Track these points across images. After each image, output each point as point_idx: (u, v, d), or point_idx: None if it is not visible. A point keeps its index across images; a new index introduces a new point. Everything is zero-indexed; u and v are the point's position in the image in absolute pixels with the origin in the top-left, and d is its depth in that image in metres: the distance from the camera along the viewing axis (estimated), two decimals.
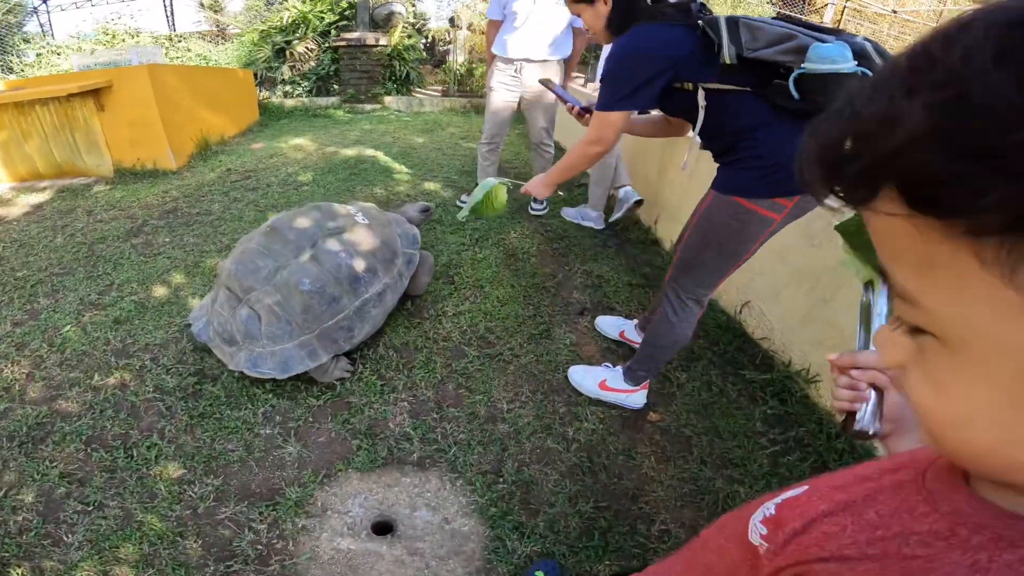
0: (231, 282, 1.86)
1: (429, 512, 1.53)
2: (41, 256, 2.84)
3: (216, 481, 1.58)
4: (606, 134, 1.50)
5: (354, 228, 2.00)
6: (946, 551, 0.30)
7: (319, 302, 1.80)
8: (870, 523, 0.34)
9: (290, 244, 1.88)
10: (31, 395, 1.90)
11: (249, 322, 1.80)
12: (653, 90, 1.38)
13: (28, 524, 1.47)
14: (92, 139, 4.01)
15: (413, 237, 2.22)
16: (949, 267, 0.23)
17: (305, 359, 1.79)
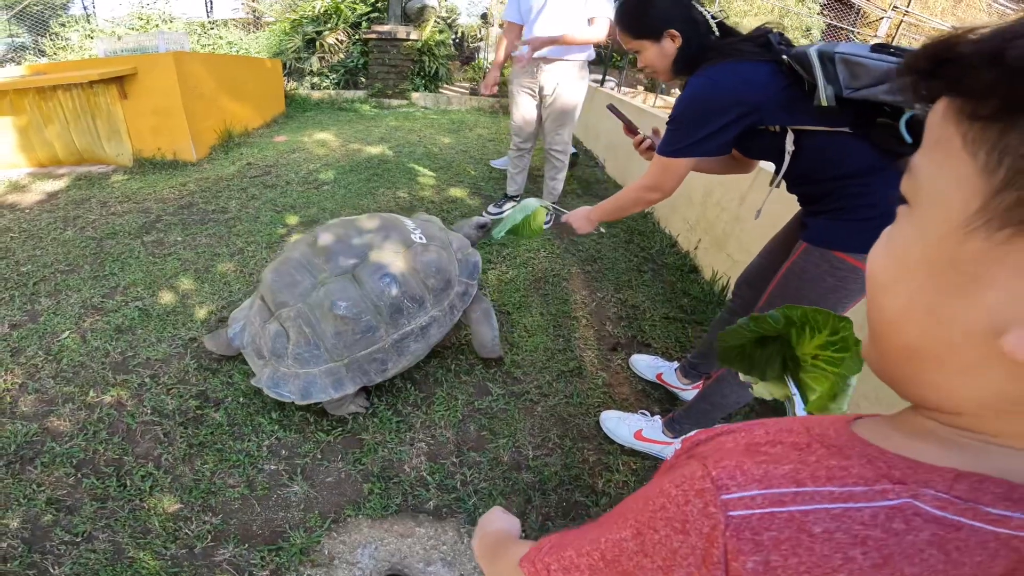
0: (266, 293, 1.72)
1: (445, 568, 1.39)
2: (48, 250, 2.72)
3: (215, 519, 1.44)
4: (666, 181, 1.35)
5: (408, 248, 1.77)
6: (790, 454, 0.33)
7: (353, 329, 1.61)
8: (754, 437, 0.38)
9: (334, 258, 1.68)
10: (23, 409, 1.77)
11: (277, 339, 1.65)
12: (726, 136, 1.22)
13: (12, 552, 1.36)
14: (114, 127, 3.91)
15: (473, 266, 1.92)
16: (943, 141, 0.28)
17: (328, 388, 1.62)
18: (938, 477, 0.27)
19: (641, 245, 3.11)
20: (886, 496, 0.27)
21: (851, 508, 0.27)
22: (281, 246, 2.84)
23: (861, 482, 0.28)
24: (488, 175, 4.22)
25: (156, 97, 3.86)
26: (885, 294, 0.32)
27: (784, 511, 0.28)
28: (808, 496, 0.28)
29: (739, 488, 0.30)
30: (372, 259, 1.69)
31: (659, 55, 1.35)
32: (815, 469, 0.30)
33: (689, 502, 0.31)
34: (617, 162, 4.50)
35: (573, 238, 3.14)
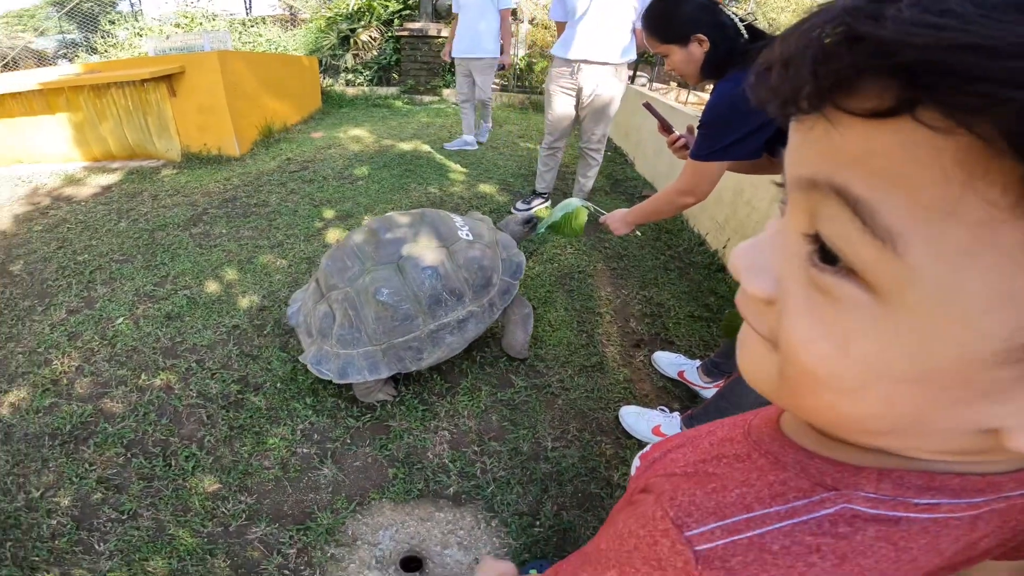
0: (321, 276, 1.84)
1: (461, 551, 1.45)
2: (104, 240, 2.91)
3: (249, 499, 1.54)
4: (699, 185, 1.37)
5: (453, 244, 1.83)
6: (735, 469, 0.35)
7: (392, 316, 1.69)
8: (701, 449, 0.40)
9: (383, 249, 1.77)
10: (78, 391, 1.91)
11: (325, 320, 1.76)
12: (757, 141, 1.24)
13: (62, 529, 1.47)
14: (163, 123, 4.12)
15: (517, 266, 1.96)
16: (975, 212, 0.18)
17: (364, 370, 1.71)
18: (864, 479, 0.29)
19: (668, 243, 3.10)
20: (823, 505, 0.29)
21: (798, 523, 0.29)
22: (319, 239, 2.96)
23: (801, 495, 0.30)
24: (517, 171, 4.26)
25: (202, 95, 4.05)
26: (839, 397, 0.26)
27: (743, 537, 0.30)
28: (759, 520, 0.30)
29: (698, 524, 0.31)
30: (417, 251, 1.76)
31: (686, 60, 1.36)
32: (759, 490, 0.32)
33: (657, 542, 0.33)
34: (647, 160, 4.47)
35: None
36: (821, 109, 0.22)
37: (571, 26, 2.80)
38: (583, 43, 2.78)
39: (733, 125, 1.24)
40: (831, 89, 0.21)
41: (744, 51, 1.28)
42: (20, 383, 1.94)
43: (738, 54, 1.28)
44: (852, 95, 0.21)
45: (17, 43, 6.96)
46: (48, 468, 1.63)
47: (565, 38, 2.86)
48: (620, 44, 2.79)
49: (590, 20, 2.72)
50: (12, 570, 1.36)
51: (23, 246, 2.90)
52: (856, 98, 0.20)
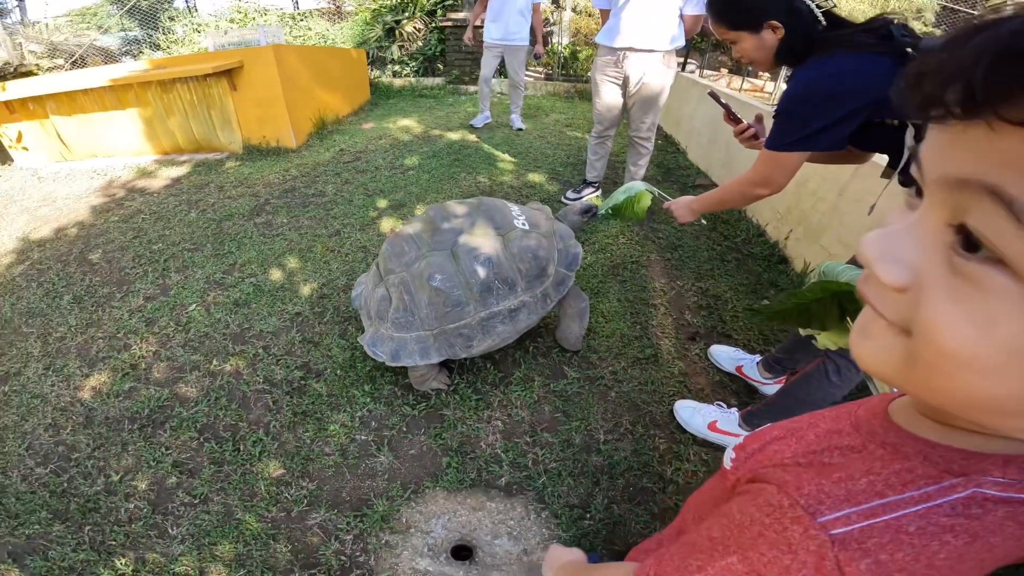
0: (381, 260, 1.89)
1: (511, 541, 1.47)
2: (175, 230, 3.07)
3: (311, 485, 1.60)
4: (775, 176, 1.31)
5: (509, 232, 1.82)
6: (853, 459, 0.37)
7: (444, 301, 1.71)
8: (807, 441, 0.42)
9: (439, 235, 1.79)
10: (156, 375, 2.03)
11: (382, 303, 1.81)
12: (841, 132, 1.17)
13: (138, 513, 1.55)
14: (226, 117, 4.30)
15: (573, 257, 1.92)
16: None
17: (415, 354, 1.74)
18: (991, 465, 0.32)
19: (725, 234, 3.00)
20: (955, 490, 0.31)
21: (932, 506, 0.31)
22: (373, 228, 3.03)
23: (931, 481, 0.32)
24: (566, 160, 4.21)
25: (260, 88, 4.18)
26: (980, 377, 0.27)
27: (879, 521, 0.32)
28: (894, 505, 0.32)
29: (831, 510, 0.33)
30: (472, 239, 1.77)
31: (758, 47, 1.30)
32: (887, 477, 0.34)
33: (787, 528, 0.34)
34: (700, 149, 4.32)
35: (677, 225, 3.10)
36: (982, 116, 0.24)
37: (615, 14, 2.74)
38: (628, 31, 2.71)
39: (815, 114, 1.18)
40: (997, 100, 0.23)
41: (822, 38, 1.21)
42: (101, 367, 2.07)
43: (816, 41, 1.21)
44: (1014, 106, 0.23)
45: (83, 41, 7.36)
46: (127, 452, 1.73)
47: (610, 26, 2.80)
48: (666, 31, 2.70)
49: (634, 7, 2.66)
50: (89, 554, 1.43)
51: (101, 236, 3.09)
52: (1017, 109, 0.23)
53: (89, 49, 7.16)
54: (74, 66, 6.62)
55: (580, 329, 2.01)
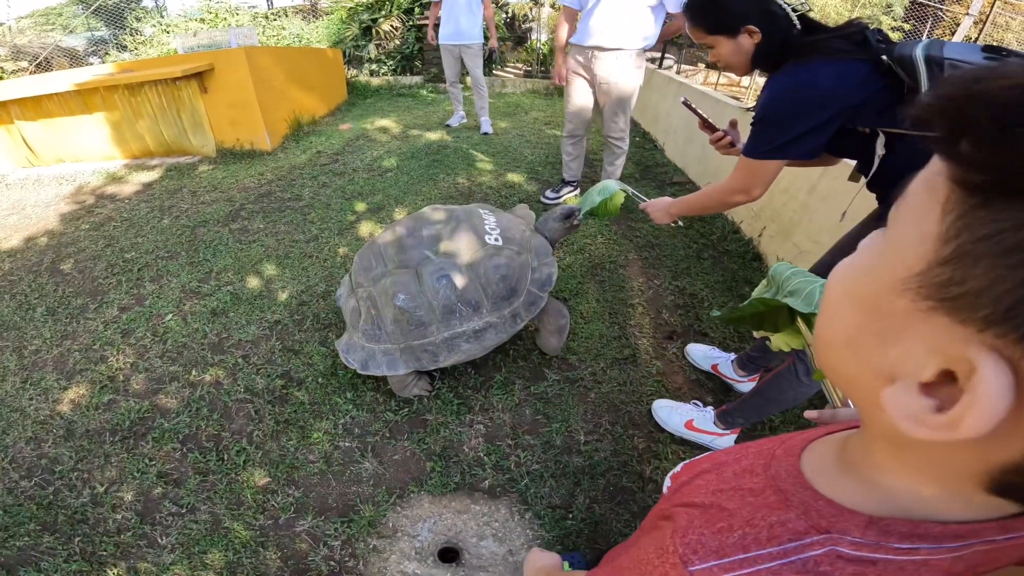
0: (352, 272, 1.91)
1: (496, 543, 1.50)
2: (148, 238, 3.03)
3: (297, 492, 1.61)
4: (753, 185, 1.32)
5: (479, 250, 1.78)
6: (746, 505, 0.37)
7: (408, 320, 1.73)
8: (723, 478, 0.43)
9: (405, 252, 1.79)
10: (135, 387, 2.01)
11: (353, 314, 1.84)
12: (819, 139, 1.19)
13: (127, 523, 1.54)
14: (197, 120, 4.23)
15: (547, 277, 1.87)
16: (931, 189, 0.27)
17: (383, 365, 1.77)
18: (854, 525, 0.33)
19: (701, 231, 3.06)
20: (813, 547, 0.33)
21: (785, 563, 0.33)
22: (352, 232, 3.02)
23: (796, 537, 0.34)
24: (545, 159, 4.24)
25: (232, 91, 4.13)
26: (829, 315, 0.35)
27: (735, 575, 0.34)
28: (752, 560, 0.34)
29: (700, 560, 0.36)
30: (438, 257, 1.76)
31: (735, 51, 1.30)
32: (759, 530, 0.36)
33: (667, 573, 0.37)
34: (677, 146, 4.39)
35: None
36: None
37: (587, 14, 2.74)
38: (598, 30, 2.71)
39: (792, 122, 1.18)
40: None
41: (799, 43, 1.21)
42: (79, 380, 2.04)
43: (796, 47, 1.21)
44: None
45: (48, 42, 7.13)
46: (110, 463, 1.72)
47: (581, 26, 2.79)
48: (636, 31, 2.70)
49: (605, 6, 2.65)
50: (81, 565, 1.43)
51: (72, 244, 3.03)
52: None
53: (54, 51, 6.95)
54: (39, 68, 6.43)
55: (559, 342, 2.04)
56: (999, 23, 7.44)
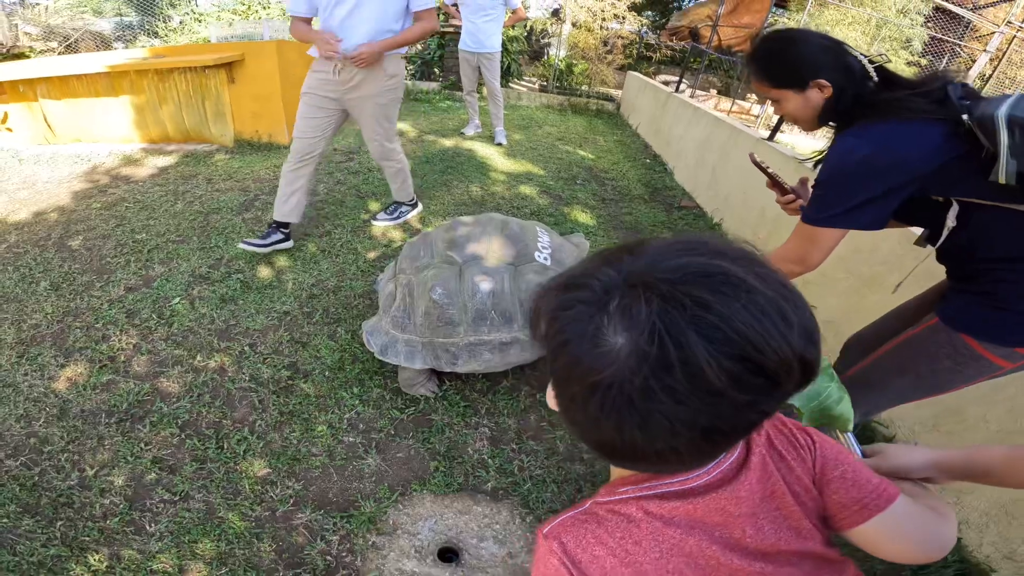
0: (399, 258, 1.91)
1: (496, 545, 1.49)
2: (160, 220, 3.02)
3: (297, 485, 1.59)
4: (812, 254, 1.16)
5: (526, 264, 1.75)
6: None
7: (439, 316, 1.71)
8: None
9: (454, 248, 1.78)
10: (135, 369, 1.98)
11: (388, 298, 1.84)
12: (885, 208, 1.07)
13: (114, 509, 1.50)
14: (220, 109, 4.25)
15: None
16: None
17: (401, 355, 1.76)
18: (603, 489, 0.55)
19: None
20: (585, 503, 0.55)
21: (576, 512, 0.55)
22: (364, 231, 3.03)
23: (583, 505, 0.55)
24: (557, 175, 4.27)
25: (258, 83, 4.15)
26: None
27: (556, 522, 0.54)
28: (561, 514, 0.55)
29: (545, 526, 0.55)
30: (484, 261, 1.74)
31: (802, 106, 1.18)
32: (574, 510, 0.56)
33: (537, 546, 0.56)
34: (687, 170, 4.42)
35: None
36: None
37: (325, 20, 2.37)
38: (342, 35, 2.33)
39: (857, 188, 1.06)
40: None
41: (873, 100, 1.09)
42: (78, 358, 2.00)
43: (867, 103, 1.10)
44: None
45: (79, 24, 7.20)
46: (103, 446, 1.68)
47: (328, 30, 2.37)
48: (385, 32, 2.37)
49: (343, 9, 2.29)
50: (61, 549, 1.38)
51: (82, 222, 3.02)
52: None
53: (84, 33, 7.01)
54: (67, 50, 6.47)
55: None
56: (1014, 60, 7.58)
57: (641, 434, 0.39)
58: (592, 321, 0.39)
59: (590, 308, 0.39)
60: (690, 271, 0.37)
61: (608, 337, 0.38)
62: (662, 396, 0.36)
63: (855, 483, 0.55)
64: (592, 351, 0.38)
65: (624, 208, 3.77)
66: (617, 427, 0.39)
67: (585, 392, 0.39)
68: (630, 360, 0.36)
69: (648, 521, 0.50)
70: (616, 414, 0.39)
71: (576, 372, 0.40)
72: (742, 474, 0.52)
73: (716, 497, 0.50)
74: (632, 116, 6.92)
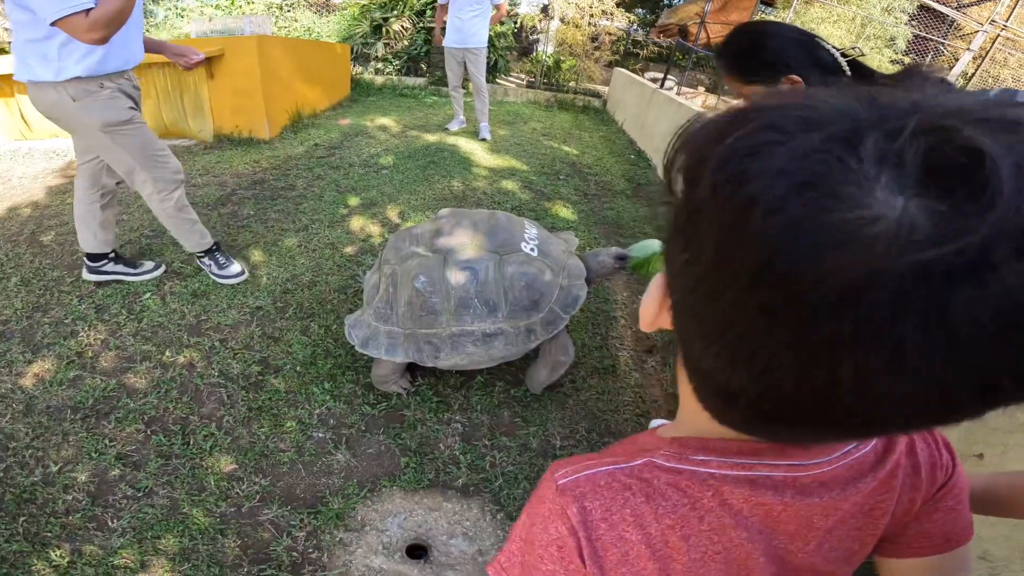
0: (384, 250, 1.88)
1: (465, 542, 1.49)
2: (134, 216, 2.98)
3: (264, 481, 1.57)
4: None
5: (509, 255, 1.70)
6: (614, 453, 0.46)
7: (421, 305, 1.68)
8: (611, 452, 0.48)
9: (439, 238, 1.76)
10: (103, 365, 1.95)
11: (372, 289, 1.81)
12: None
13: (77, 505, 1.48)
14: (199, 104, 4.19)
15: (573, 299, 1.74)
16: None
17: (382, 347, 1.73)
18: (665, 444, 0.43)
19: None
20: (636, 458, 0.42)
21: (619, 468, 0.42)
22: (343, 225, 3.00)
23: (626, 457, 0.43)
24: (540, 170, 4.26)
25: (239, 78, 4.10)
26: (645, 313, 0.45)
27: (584, 474, 0.42)
28: (594, 466, 0.43)
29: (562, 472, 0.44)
30: (468, 250, 1.71)
31: None
32: (613, 460, 0.44)
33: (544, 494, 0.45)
34: None
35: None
36: None
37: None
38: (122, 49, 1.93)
39: None
40: None
41: None
42: (45, 354, 1.97)
43: None
44: None
45: None
46: (68, 442, 1.65)
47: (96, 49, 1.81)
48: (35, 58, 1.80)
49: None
50: (23, 545, 1.37)
51: (55, 217, 2.97)
52: None
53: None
54: None
55: (547, 379, 1.88)
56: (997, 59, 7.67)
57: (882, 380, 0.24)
58: (842, 169, 0.22)
59: (830, 145, 0.23)
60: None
61: (875, 194, 0.21)
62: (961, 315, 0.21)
63: (958, 514, 0.46)
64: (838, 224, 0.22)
65: (606, 203, 3.78)
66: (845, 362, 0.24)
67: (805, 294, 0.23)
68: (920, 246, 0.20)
69: (718, 515, 0.38)
70: (860, 341, 0.23)
71: (787, 261, 0.23)
72: (865, 480, 0.41)
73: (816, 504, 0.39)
74: (618, 112, 6.92)
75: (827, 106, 0.25)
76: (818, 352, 0.24)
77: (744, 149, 0.25)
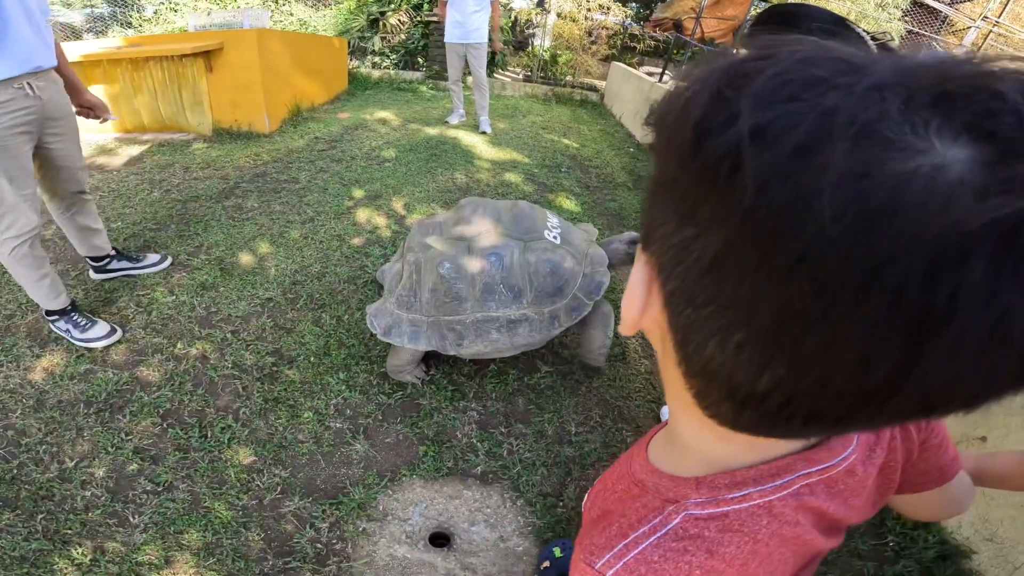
0: (408, 238, 1.87)
1: (487, 528, 1.49)
2: (137, 209, 2.94)
3: (284, 472, 1.56)
4: None
5: (534, 242, 1.71)
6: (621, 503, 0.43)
7: (446, 291, 1.67)
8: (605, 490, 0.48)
9: (463, 226, 1.76)
10: (114, 358, 1.92)
11: (394, 278, 1.80)
12: None
13: (96, 501, 1.46)
14: (198, 98, 4.15)
15: (596, 285, 1.76)
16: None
17: (405, 335, 1.71)
18: (689, 489, 0.39)
19: None
20: (672, 517, 0.38)
21: (661, 535, 0.38)
22: (348, 217, 2.99)
23: (656, 513, 0.39)
24: (541, 162, 4.25)
25: (237, 72, 4.06)
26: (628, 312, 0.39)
27: (630, 558, 0.38)
28: (634, 541, 0.38)
29: (598, 558, 0.39)
30: (492, 237, 1.71)
31: None
32: (630, 517, 0.40)
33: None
34: None
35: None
36: None
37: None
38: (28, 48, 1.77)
39: None
40: None
41: None
42: (53, 348, 1.94)
43: None
44: None
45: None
46: (83, 437, 1.63)
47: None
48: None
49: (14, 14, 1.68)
50: (43, 543, 1.35)
51: None
52: None
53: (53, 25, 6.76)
54: None
55: (604, 339, 1.85)
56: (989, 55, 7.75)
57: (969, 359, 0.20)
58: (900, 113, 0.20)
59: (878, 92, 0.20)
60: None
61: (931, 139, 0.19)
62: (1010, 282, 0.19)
63: (944, 449, 0.51)
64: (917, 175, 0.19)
65: (608, 195, 3.78)
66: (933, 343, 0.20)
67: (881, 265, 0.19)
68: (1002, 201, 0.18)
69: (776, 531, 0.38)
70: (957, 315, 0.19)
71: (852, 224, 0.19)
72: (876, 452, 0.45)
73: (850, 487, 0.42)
74: (616, 106, 6.91)
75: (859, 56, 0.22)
76: (899, 333, 0.20)
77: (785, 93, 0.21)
